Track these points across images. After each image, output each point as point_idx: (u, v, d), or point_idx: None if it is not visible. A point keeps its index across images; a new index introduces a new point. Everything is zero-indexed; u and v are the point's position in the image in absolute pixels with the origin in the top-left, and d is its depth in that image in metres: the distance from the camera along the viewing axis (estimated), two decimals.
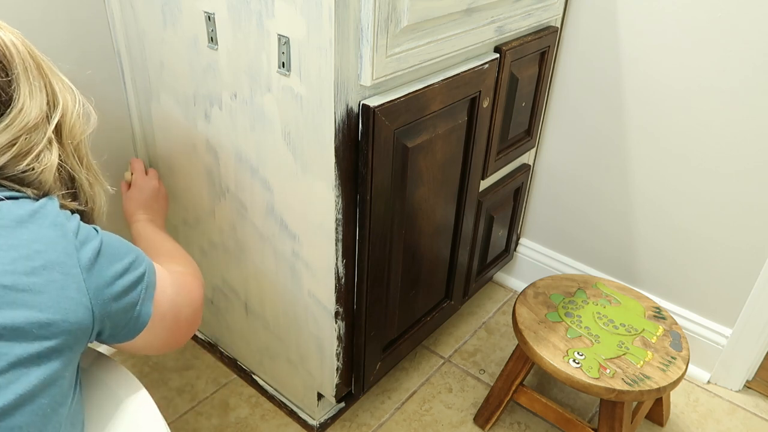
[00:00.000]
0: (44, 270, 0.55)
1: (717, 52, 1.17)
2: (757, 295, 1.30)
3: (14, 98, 0.60)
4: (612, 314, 1.20)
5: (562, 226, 1.57)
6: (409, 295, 1.20)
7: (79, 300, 0.57)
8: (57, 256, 0.57)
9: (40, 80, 0.63)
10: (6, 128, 0.59)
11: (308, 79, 0.84)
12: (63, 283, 0.56)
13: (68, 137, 0.66)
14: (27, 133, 0.60)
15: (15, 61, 0.61)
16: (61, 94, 0.66)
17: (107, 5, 1.13)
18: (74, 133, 0.67)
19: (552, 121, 1.47)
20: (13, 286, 0.52)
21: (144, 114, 1.21)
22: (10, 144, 0.59)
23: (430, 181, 1.09)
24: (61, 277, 0.56)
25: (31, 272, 0.54)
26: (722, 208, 1.28)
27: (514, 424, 1.31)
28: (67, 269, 0.57)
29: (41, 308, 0.54)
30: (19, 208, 0.57)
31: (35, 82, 0.62)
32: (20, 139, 0.60)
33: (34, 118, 0.61)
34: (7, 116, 0.60)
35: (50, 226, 0.58)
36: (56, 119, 0.64)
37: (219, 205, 1.14)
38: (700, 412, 1.37)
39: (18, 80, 0.61)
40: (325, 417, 1.27)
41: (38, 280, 0.54)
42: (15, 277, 0.52)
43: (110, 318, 0.62)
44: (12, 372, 0.51)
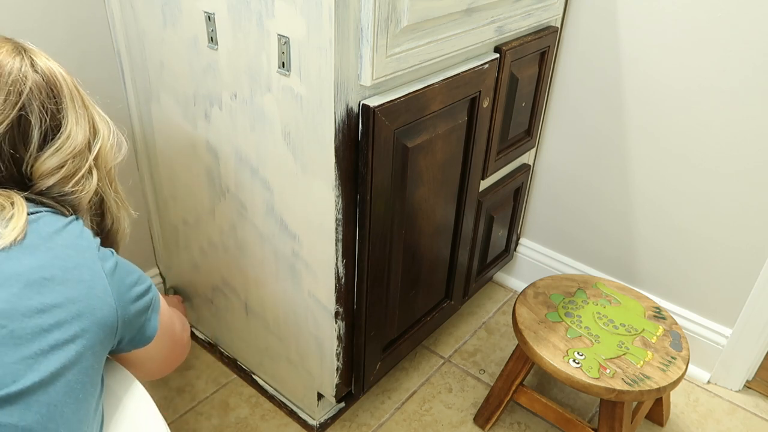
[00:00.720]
0: (76, 269, 0.63)
1: (717, 52, 1.17)
2: (757, 295, 1.30)
3: (63, 124, 0.67)
4: (612, 314, 1.20)
5: (562, 226, 1.57)
6: (409, 295, 1.20)
7: (105, 299, 0.65)
8: (85, 260, 0.65)
9: (83, 110, 0.70)
10: (56, 152, 0.67)
11: (308, 79, 0.84)
12: (91, 282, 0.64)
13: (103, 164, 0.73)
14: (73, 158, 0.68)
15: (64, 90, 0.68)
16: (99, 125, 0.73)
17: (107, 5, 1.13)
18: (107, 159, 0.74)
19: (552, 121, 1.47)
20: (52, 278, 0.61)
21: (144, 114, 1.21)
22: (58, 167, 0.67)
23: (430, 181, 1.09)
24: (90, 278, 0.64)
25: (66, 270, 0.62)
26: (722, 207, 1.29)
27: (514, 424, 1.31)
28: (94, 273, 0.65)
29: (75, 299, 0.62)
30: (57, 220, 0.66)
31: (80, 111, 0.70)
32: (67, 164, 0.67)
33: (79, 144, 0.68)
34: (57, 140, 0.67)
35: (79, 237, 0.67)
36: (97, 147, 0.71)
37: (219, 205, 1.14)
38: (700, 412, 1.37)
39: (66, 108, 0.68)
40: (325, 417, 1.27)
41: (72, 276, 0.62)
42: (54, 271, 0.61)
43: (128, 320, 0.69)
44: (50, 351, 0.59)
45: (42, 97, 0.66)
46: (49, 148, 0.67)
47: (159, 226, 1.38)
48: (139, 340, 0.74)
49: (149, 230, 1.42)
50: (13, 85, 0.64)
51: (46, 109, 0.66)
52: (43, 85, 0.66)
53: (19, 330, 0.57)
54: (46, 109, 0.66)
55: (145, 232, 1.41)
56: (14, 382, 0.55)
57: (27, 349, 0.57)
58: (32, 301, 0.59)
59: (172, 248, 1.38)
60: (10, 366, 0.56)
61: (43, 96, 0.66)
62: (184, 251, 1.33)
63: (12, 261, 0.60)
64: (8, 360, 0.56)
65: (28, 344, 0.57)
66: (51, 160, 0.66)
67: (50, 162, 0.66)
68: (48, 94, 0.66)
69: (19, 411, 0.55)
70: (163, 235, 1.39)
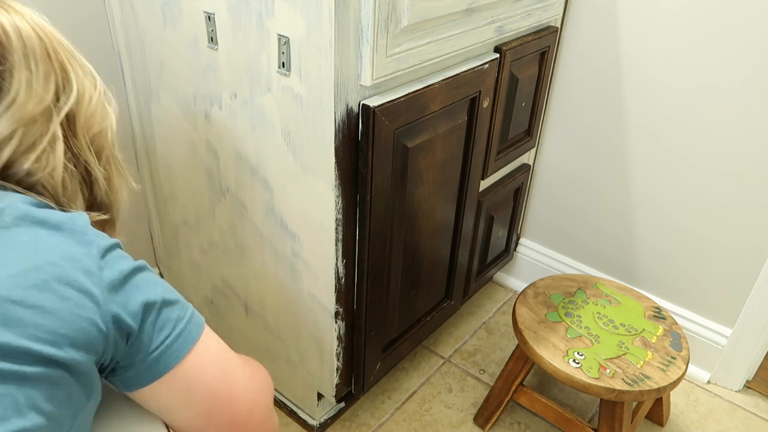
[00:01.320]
0: (58, 284, 0.51)
1: (717, 52, 1.17)
2: (757, 295, 1.30)
3: (5, 88, 0.56)
4: (612, 314, 1.20)
5: (562, 226, 1.57)
6: (409, 295, 1.20)
7: (93, 321, 0.52)
8: (73, 272, 0.52)
9: (47, 65, 0.58)
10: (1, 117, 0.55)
11: (308, 79, 0.84)
12: (77, 301, 0.51)
13: (83, 128, 0.61)
14: (24, 125, 0.57)
15: (13, 47, 0.56)
16: (78, 82, 0.61)
17: (107, 5, 1.13)
18: (91, 123, 0.62)
19: (552, 121, 1.47)
20: (21, 302, 0.48)
21: (144, 114, 1.21)
22: (9, 136, 0.56)
23: (430, 181, 1.09)
24: (76, 295, 0.52)
25: (43, 286, 0.50)
26: (722, 207, 1.29)
27: (514, 424, 1.31)
28: (84, 287, 0.52)
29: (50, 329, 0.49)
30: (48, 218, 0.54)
31: (38, 69, 0.58)
32: (17, 132, 0.56)
33: (30, 110, 0.57)
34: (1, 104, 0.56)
35: (75, 242, 0.54)
36: (65, 110, 0.59)
37: (219, 205, 1.14)
38: (700, 412, 1.37)
39: (12, 69, 0.56)
40: (325, 417, 1.27)
41: (50, 295, 0.50)
42: (25, 291, 0.49)
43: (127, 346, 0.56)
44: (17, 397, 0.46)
45: None
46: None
47: (159, 226, 1.38)
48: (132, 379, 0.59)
49: (149, 230, 1.42)
50: None
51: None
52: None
53: None
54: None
55: (145, 232, 1.41)
56: None
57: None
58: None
59: (172, 248, 1.38)
60: None
61: None
62: (184, 251, 1.33)
63: None
64: None
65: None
66: None
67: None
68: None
69: None
70: (163, 235, 1.39)
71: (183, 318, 0.60)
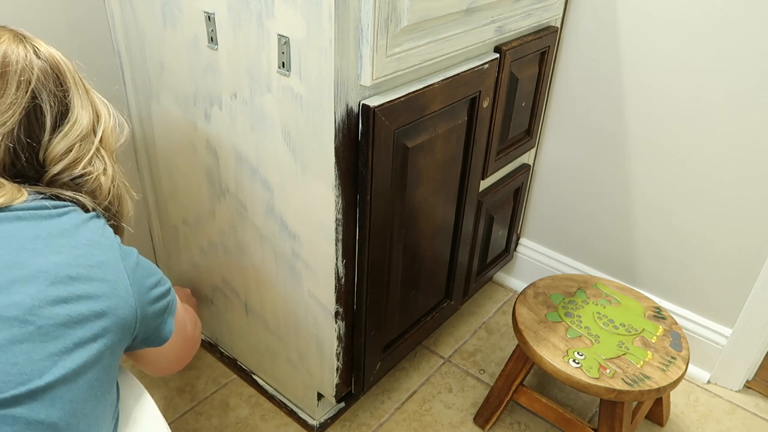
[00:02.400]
0: (99, 268, 0.64)
1: (718, 52, 1.17)
2: (757, 295, 1.30)
3: (70, 109, 0.68)
4: (612, 314, 1.20)
5: (562, 226, 1.57)
6: (409, 295, 1.20)
7: (126, 299, 0.66)
8: (108, 259, 0.66)
9: (85, 94, 0.71)
10: (64, 137, 0.68)
11: (308, 79, 0.84)
12: (114, 282, 0.65)
13: (107, 145, 0.74)
14: (80, 142, 0.69)
15: (68, 75, 0.69)
16: (100, 108, 0.74)
17: (107, 5, 1.13)
18: (110, 142, 0.75)
19: (552, 121, 1.47)
20: (78, 277, 0.62)
21: (144, 114, 1.21)
22: (67, 151, 0.68)
23: (430, 181, 1.09)
24: (113, 277, 0.65)
25: (90, 268, 0.63)
26: (723, 207, 1.28)
27: (514, 424, 1.31)
28: (117, 272, 0.66)
29: (98, 299, 0.63)
30: (75, 216, 0.67)
31: (83, 95, 0.71)
32: (75, 147, 0.68)
33: (85, 128, 0.69)
34: (66, 125, 0.68)
35: (101, 235, 0.68)
36: (101, 129, 0.72)
37: (219, 205, 1.14)
38: (700, 412, 1.37)
39: (72, 93, 0.69)
40: (325, 417, 1.27)
41: (95, 275, 0.63)
42: (80, 269, 0.62)
43: (146, 321, 0.70)
44: (74, 349, 0.60)
45: (49, 84, 0.66)
46: (58, 134, 0.67)
47: (159, 226, 1.38)
48: (153, 341, 0.74)
49: (149, 230, 1.41)
50: (22, 74, 0.65)
51: (54, 95, 0.67)
52: (49, 72, 0.67)
53: (46, 326, 0.58)
54: (54, 95, 0.67)
55: (145, 232, 1.41)
56: (40, 377, 0.56)
57: (53, 346, 0.58)
58: (58, 298, 0.59)
59: (172, 248, 1.38)
60: (36, 362, 0.57)
61: (50, 82, 0.66)
62: (184, 251, 1.33)
63: (39, 257, 0.60)
64: (35, 356, 0.57)
65: (54, 341, 0.58)
66: (60, 145, 0.67)
67: (59, 147, 0.67)
68: (54, 80, 0.67)
69: (45, 407, 0.56)
70: (163, 235, 1.39)
71: (169, 290, 0.75)
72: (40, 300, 0.58)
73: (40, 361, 0.57)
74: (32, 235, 0.62)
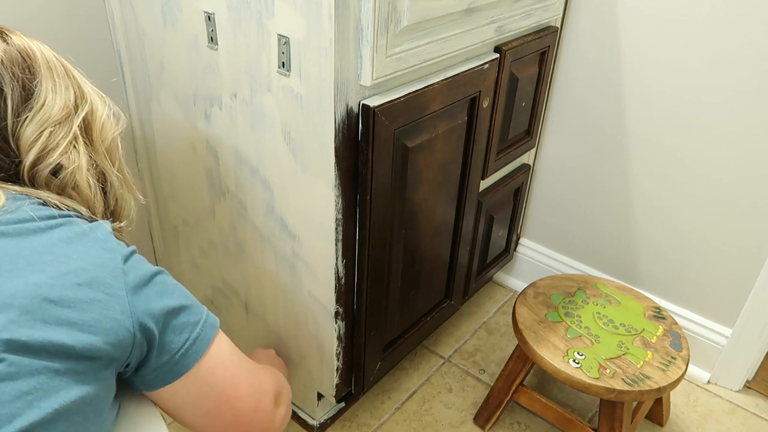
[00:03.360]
0: (89, 288, 0.57)
1: (718, 52, 1.17)
2: (757, 295, 1.30)
3: (36, 92, 0.65)
4: (612, 314, 1.20)
5: (562, 226, 1.57)
6: (409, 295, 1.20)
7: (121, 322, 0.58)
8: (103, 276, 0.58)
9: (65, 80, 0.68)
10: (31, 120, 0.65)
11: (308, 79, 0.84)
12: (107, 303, 0.57)
13: (99, 138, 0.71)
14: (51, 126, 0.65)
15: (38, 60, 0.66)
16: (90, 97, 0.71)
17: (107, 5, 1.13)
18: (105, 133, 0.71)
19: (552, 121, 1.47)
20: (60, 300, 0.54)
21: (144, 114, 1.21)
22: (37, 136, 0.64)
23: (430, 181, 1.09)
24: (105, 298, 0.57)
25: (77, 289, 0.56)
26: (723, 207, 1.28)
27: (514, 424, 1.31)
28: (112, 290, 0.58)
29: (83, 327, 0.55)
30: (71, 228, 0.60)
31: (59, 80, 0.68)
32: (44, 132, 0.65)
33: (57, 113, 0.66)
34: (31, 110, 0.65)
35: (100, 248, 0.60)
36: (81, 116, 0.69)
37: (219, 205, 1.14)
38: (700, 412, 1.37)
39: (41, 76, 0.66)
40: (325, 417, 1.27)
41: (83, 297, 0.56)
42: (63, 291, 0.55)
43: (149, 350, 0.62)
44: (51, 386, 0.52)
45: (12, 67, 0.64)
46: (25, 117, 0.65)
47: (159, 226, 1.38)
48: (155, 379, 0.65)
49: (149, 230, 1.42)
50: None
51: (16, 78, 0.64)
52: (15, 56, 0.65)
53: (18, 362, 0.51)
54: (16, 77, 0.64)
55: (145, 232, 1.41)
56: (10, 422, 0.49)
57: (26, 383, 0.51)
58: (33, 330, 0.52)
59: (172, 248, 1.38)
60: (6, 405, 0.49)
61: (15, 66, 0.64)
62: (184, 251, 1.33)
63: (16, 279, 0.53)
64: (4, 397, 0.49)
65: (27, 378, 0.51)
66: (28, 129, 0.64)
67: (28, 131, 0.64)
68: (20, 64, 0.65)
69: None
70: (163, 235, 1.39)
71: (199, 321, 0.66)
72: (11, 332, 0.51)
73: (9, 403, 0.49)
74: (13, 253, 0.55)
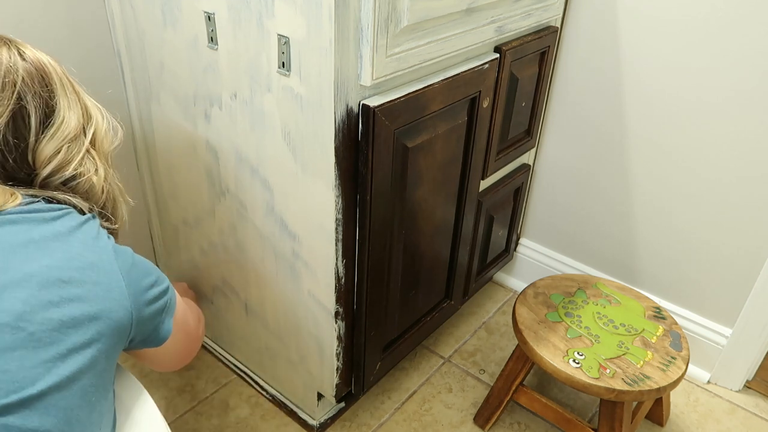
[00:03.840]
0: (92, 271, 0.63)
1: (718, 53, 1.17)
2: (757, 295, 1.30)
3: (56, 110, 0.68)
4: (612, 314, 1.20)
5: (562, 226, 1.57)
6: (409, 295, 1.20)
7: (120, 301, 0.65)
8: (102, 261, 0.65)
9: (74, 96, 0.71)
10: (52, 138, 0.67)
11: (308, 79, 0.84)
12: (108, 284, 0.64)
13: (101, 147, 0.74)
14: (69, 143, 0.69)
15: (54, 77, 0.69)
16: (92, 110, 0.74)
17: (107, 5, 1.13)
18: (104, 145, 0.75)
19: (552, 121, 1.47)
20: (70, 280, 0.61)
21: (144, 114, 1.21)
22: (55, 152, 0.68)
23: (430, 181, 1.09)
24: (106, 279, 0.65)
25: (82, 271, 0.63)
26: (722, 207, 1.28)
27: (514, 424, 1.31)
28: (110, 274, 0.65)
29: (92, 302, 0.62)
30: (74, 219, 0.67)
31: (71, 97, 0.71)
32: (63, 149, 0.68)
33: (73, 129, 0.69)
34: (52, 126, 0.68)
35: (95, 237, 0.67)
36: (92, 131, 0.72)
37: (219, 205, 1.14)
38: (700, 412, 1.37)
39: (58, 94, 0.69)
40: (325, 417, 1.27)
41: (88, 278, 0.63)
42: (71, 272, 0.62)
43: (142, 322, 0.69)
44: (68, 354, 0.59)
45: (34, 85, 0.66)
46: (45, 135, 0.67)
47: (159, 226, 1.38)
48: (151, 341, 0.74)
49: (149, 230, 1.42)
50: (7, 76, 0.65)
51: (40, 97, 0.67)
52: (34, 73, 0.67)
53: (38, 332, 0.57)
54: (39, 96, 0.67)
55: (145, 232, 1.41)
56: (33, 385, 0.56)
57: (45, 352, 0.57)
58: (50, 302, 0.59)
59: (172, 248, 1.38)
60: (29, 369, 0.56)
61: (35, 84, 0.67)
62: (184, 251, 1.33)
63: (30, 262, 0.60)
64: (27, 363, 0.56)
65: (47, 347, 0.57)
66: (48, 147, 0.67)
67: (48, 148, 0.67)
68: (39, 81, 0.67)
69: (38, 415, 0.56)
70: (163, 235, 1.39)
71: (167, 289, 0.75)
72: (31, 305, 0.57)
73: (32, 369, 0.56)
74: (25, 239, 0.61)
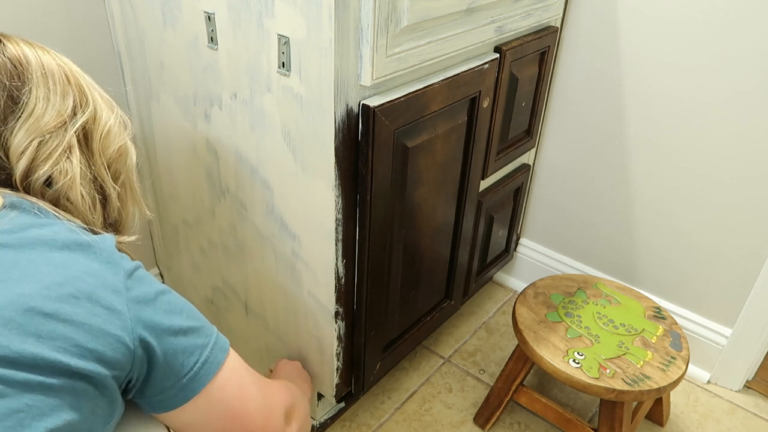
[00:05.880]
0: (88, 302, 0.54)
1: (718, 53, 1.17)
2: (757, 295, 1.30)
3: (24, 101, 0.64)
4: (612, 314, 1.20)
5: (562, 226, 1.57)
6: (409, 295, 1.20)
7: (120, 338, 0.56)
8: (103, 290, 0.56)
9: (65, 87, 0.66)
10: (20, 129, 0.63)
11: (308, 79, 0.84)
12: (105, 318, 0.55)
13: (99, 148, 0.69)
14: (41, 136, 0.64)
15: (32, 67, 0.65)
16: (95, 103, 0.69)
17: (107, 5, 1.13)
18: (106, 144, 0.69)
19: (552, 121, 1.47)
20: (54, 314, 0.52)
21: (144, 114, 1.21)
22: (27, 144, 0.63)
23: (430, 181, 1.09)
24: (104, 312, 0.55)
25: (74, 302, 0.54)
26: (722, 208, 1.28)
27: (514, 424, 1.31)
28: (112, 305, 0.56)
29: (79, 342, 0.53)
30: (74, 234, 0.59)
31: (56, 88, 0.66)
32: (34, 142, 0.63)
33: (48, 121, 0.64)
34: (20, 117, 0.63)
35: (103, 262, 0.58)
36: (78, 124, 0.66)
37: (219, 205, 1.15)
38: (700, 412, 1.37)
39: (32, 84, 0.64)
40: (325, 417, 1.27)
41: (80, 310, 0.54)
42: (58, 304, 0.52)
43: (151, 369, 0.60)
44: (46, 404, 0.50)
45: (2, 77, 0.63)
46: (15, 126, 0.63)
47: (159, 226, 1.38)
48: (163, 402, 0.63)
49: (149, 230, 1.42)
50: None
51: (3, 86, 0.63)
52: (7, 66, 0.64)
53: (8, 377, 0.49)
54: (3, 85, 0.63)
55: (145, 232, 1.41)
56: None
57: (17, 402, 0.48)
58: (24, 344, 0.50)
59: (172, 248, 1.38)
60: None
61: (4, 75, 0.63)
62: (184, 251, 1.34)
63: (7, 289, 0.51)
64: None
65: (19, 396, 0.48)
66: (17, 137, 0.63)
67: (17, 138, 0.63)
68: (9, 72, 0.64)
69: None
70: (163, 235, 1.39)
71: (209, 344, 0.65)
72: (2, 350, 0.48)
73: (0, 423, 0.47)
74: (9, 263, 0.53)
